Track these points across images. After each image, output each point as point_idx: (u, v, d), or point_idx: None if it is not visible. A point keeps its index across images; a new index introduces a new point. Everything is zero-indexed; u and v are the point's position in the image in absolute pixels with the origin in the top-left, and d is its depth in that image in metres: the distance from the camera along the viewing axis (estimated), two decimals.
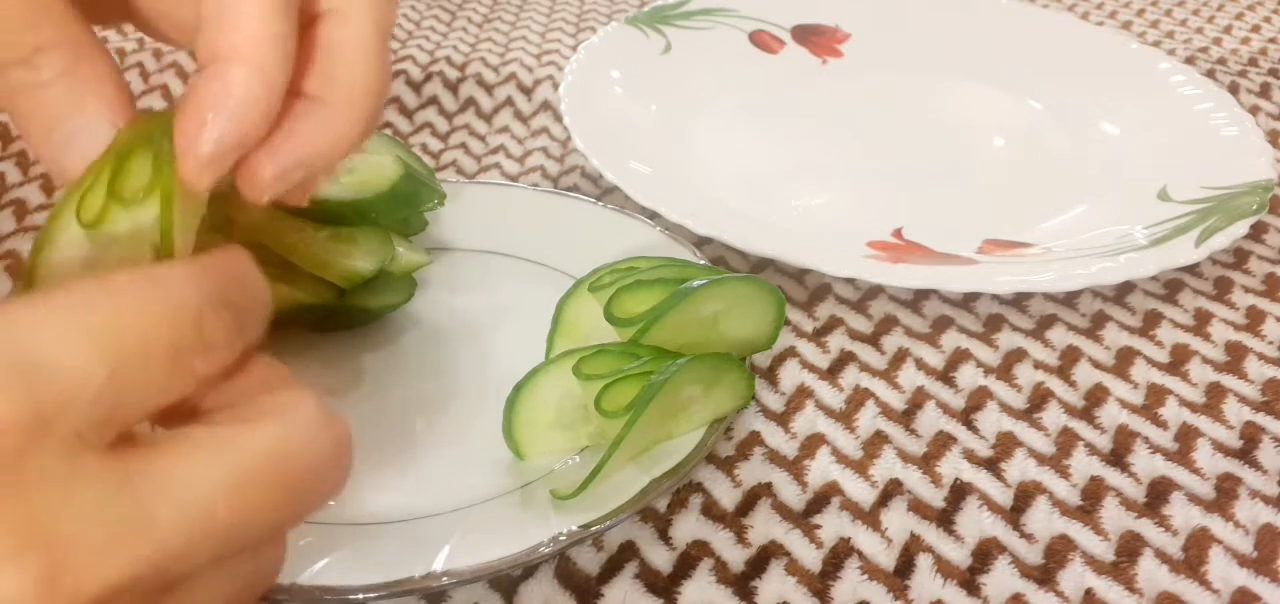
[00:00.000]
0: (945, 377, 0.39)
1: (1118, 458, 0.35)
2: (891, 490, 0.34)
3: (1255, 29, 0.72)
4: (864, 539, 0.32)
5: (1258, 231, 0.48)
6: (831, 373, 0.39)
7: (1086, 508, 0.33)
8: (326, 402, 0.21)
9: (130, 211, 0.23)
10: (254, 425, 0.20)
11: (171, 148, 0.23)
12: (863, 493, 0.34)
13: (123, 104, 0.24)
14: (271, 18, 0.22)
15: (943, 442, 0.36)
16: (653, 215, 0.44)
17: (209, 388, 0.21)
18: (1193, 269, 0.45)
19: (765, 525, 0.32)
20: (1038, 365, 0.40)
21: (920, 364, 0.39)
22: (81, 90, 0.24)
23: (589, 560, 0.31)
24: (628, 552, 0.31)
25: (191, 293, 0.20)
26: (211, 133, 0.22)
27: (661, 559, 0.31)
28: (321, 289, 0.36)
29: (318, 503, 0.21)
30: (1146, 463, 0.35)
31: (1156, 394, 0.38)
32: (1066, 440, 0.36)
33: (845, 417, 0.37)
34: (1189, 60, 0.66)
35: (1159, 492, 0.34)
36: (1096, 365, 0.40)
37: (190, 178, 0.23)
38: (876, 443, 0.36)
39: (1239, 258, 0.46)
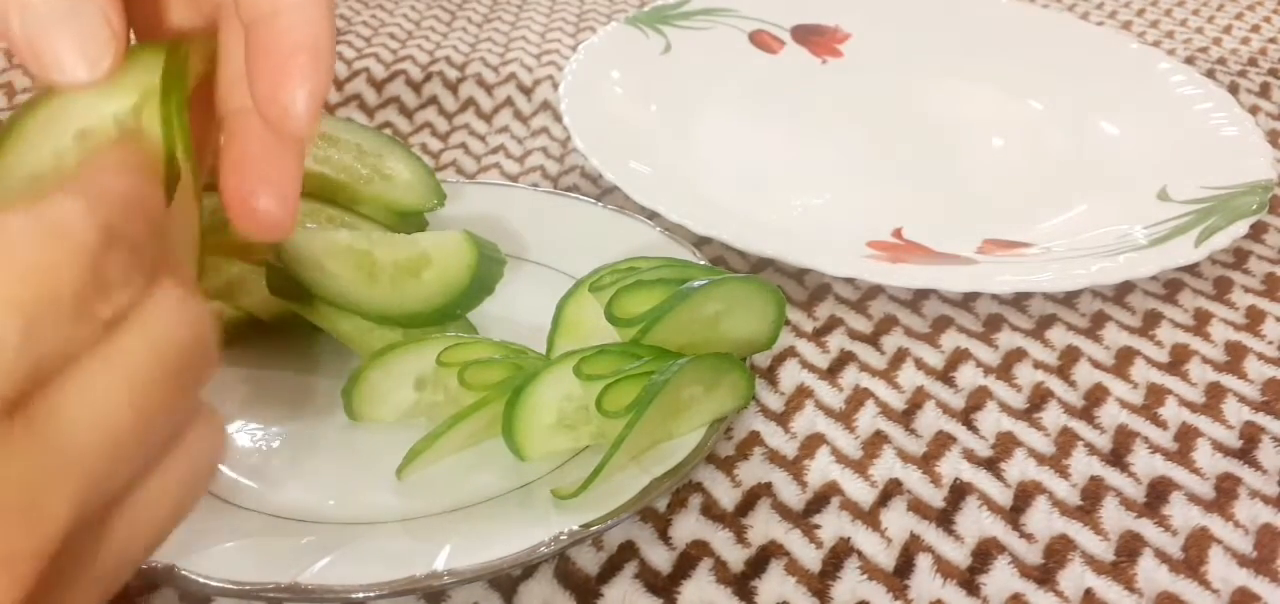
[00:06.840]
0: (945, 376, 0.39)
1: (1117, 458, 0.35)
2: (891, 490, 0.34)
3: (1255, 29, 0.72)
4: (864, 539, 0.32)
5: (1257, 231, 0.48)
6: (831, 373, 0.39)
7: (1086, 508, 0.33)
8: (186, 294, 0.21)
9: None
10: (124, 330, 0.19)
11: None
12: (862, 493, 0.34)
13: None
14: None
15: (942, 442, 0.36)
16: (653, 215, 0.44)
17: (108, 333, 0.19)
18: (1193, 269, 0.45)
19: (765, 525, 0.32)
20: (1037, 365, 0.40)
21: (920, 364, 0.39)
22: None
23: (589, 560, 0.31)
24: (628, 551, 0.31)
25: (87, 231, 0.19)
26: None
27: (661, 559, 0.31)
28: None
29: (204, 376, 0.21)
30: (1146, 463, 0.35)
31: (1156, 394, 0.38)
32: (1066, 440, 0.36)
33: (845, 417, 0.37)
34: (1189, 60, 0.66)
35: (1159, 492, 0.34)
36: (1096, 365, 0.40)
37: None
38: (876, 443, 0.36)
39: (1239, 258, 0.46)
